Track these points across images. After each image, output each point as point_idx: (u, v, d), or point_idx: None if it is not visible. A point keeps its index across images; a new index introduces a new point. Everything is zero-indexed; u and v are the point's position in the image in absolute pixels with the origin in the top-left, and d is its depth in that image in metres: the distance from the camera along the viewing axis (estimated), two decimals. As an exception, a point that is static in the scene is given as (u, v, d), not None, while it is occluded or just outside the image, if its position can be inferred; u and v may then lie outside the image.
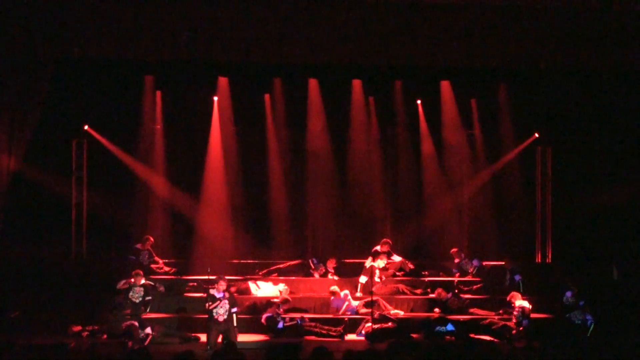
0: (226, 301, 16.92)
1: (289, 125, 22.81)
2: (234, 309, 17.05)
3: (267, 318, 17.92)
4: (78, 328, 17.63)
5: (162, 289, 19.11)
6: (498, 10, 18.15)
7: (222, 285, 17.16)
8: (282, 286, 19.82)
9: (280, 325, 17.68)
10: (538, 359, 15.04)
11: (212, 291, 17.06)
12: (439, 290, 19.40)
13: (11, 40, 17.52)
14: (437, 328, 17.60)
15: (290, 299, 18.83)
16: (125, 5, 17.79)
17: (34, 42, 17.62)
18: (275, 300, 18.39)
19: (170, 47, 18.27)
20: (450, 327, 17.59)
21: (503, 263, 20.72)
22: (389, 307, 18.81)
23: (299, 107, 22.50)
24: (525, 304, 18.06)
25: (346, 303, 18.83)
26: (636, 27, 18.24)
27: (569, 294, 18.14)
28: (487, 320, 18.02)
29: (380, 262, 20.02)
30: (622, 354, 15.14)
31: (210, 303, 16.80)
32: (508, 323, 17.78)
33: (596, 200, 21.64)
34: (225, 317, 16.81)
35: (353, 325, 17.99)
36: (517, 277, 20.13)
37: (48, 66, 17.95)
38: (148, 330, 17.08)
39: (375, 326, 17.52)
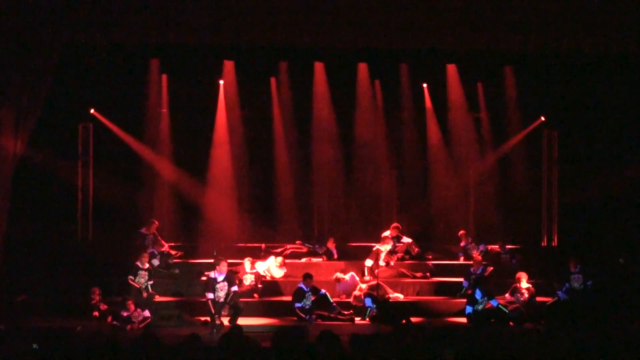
0: (225, 283, 16.95)
1: (294, 108, 22.79)
2: (234, 288, 17.12)
3: (298, 289, 17.88)
4: (97, 298, 17.66)
5: (177, 271, 19.51)
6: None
7: (224, 266, 17.17)
8: (272, 259, 19.81)
9: (299, 304, 17.65)
10: (546, 341, 15.07)
11: (212, 274, 17.07)
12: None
13: (17, 25, 17.49)
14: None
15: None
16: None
17: (39, 26, 17.59)
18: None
19: (176, 30, 18.24)
20: (494, 302, 17.58)
21: (497, 247, 20.80)
22: (389, 290, 18.82)
23: (305, 91, 22.51)
24: (529, 285, 18.23)
25: (359, 285, 18.81)
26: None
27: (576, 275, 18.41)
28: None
29: (386, 246, 20.04)
30: (629, 339, 15.14)
31: (207, 293, 16.84)
32: (517, 305, 17.84)
33: (603, 183, 21.64)
34: (225, 298, 16.89)
35: (360, 308, 18.02)
36: (514, 261, 20.21)
37: (54, 50, 17.90)
38: (146, 313, 17.14)
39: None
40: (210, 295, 16.79)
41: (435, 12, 18.32)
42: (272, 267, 19.67)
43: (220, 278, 16.99)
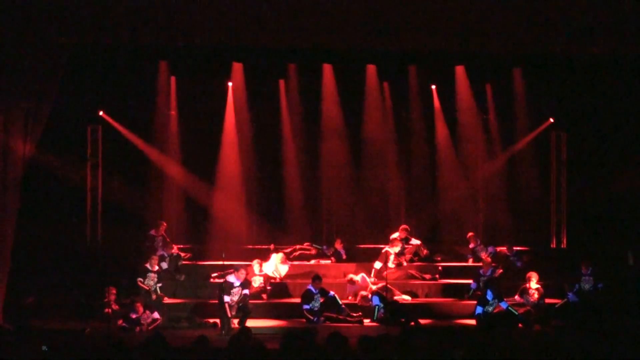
0: (240, 288, 17.02)
1: (303, 110, 22.79)
2: (246, 291, 17.19)
3: (307, 291, 17.87)
4: (112, 297, 17.68)
5: (182, 278, 19.42)
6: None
7: (243, 273, 17.24)
8: (274, 256, 19.80)
9: (307, 307, 17.65)
10: (555, 343, 15.06)
11: (230, 278, 17.10)
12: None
13: (25, 27, 17.50)
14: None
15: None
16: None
17: (47, 28, 17.60)
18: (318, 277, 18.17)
19: (185, 32, 18.24)
20: (504, 304, 17.54)
21: (505, 249, 20.76)
22: (397, 292, 18.80)
23: (314, 93, 22.50)
24: (539, 286, 18.18)
25: (369, 287, 18.77)
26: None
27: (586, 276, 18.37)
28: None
29: (395, 248, 20.02)
30: (638, 340, 15.12)
31: (224, 296, 16.83)
32: (527, 308, 17.81)
33: (611, 185, 21.57)
34: (237, 301, 16.97)
35: (369, 310, 18.01)
36: (519, 263, 20.17)
37: (63, 52, 17.92)
38: (156, 315, 17.19)
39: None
40: (227, 299, 16.85)
41: (444, 13, 18.29)
42: (278, 265, 19.69)
43: (237, 283, 17.08)
